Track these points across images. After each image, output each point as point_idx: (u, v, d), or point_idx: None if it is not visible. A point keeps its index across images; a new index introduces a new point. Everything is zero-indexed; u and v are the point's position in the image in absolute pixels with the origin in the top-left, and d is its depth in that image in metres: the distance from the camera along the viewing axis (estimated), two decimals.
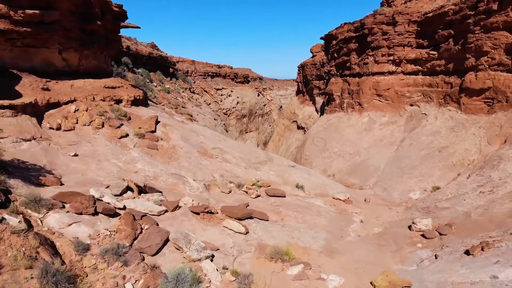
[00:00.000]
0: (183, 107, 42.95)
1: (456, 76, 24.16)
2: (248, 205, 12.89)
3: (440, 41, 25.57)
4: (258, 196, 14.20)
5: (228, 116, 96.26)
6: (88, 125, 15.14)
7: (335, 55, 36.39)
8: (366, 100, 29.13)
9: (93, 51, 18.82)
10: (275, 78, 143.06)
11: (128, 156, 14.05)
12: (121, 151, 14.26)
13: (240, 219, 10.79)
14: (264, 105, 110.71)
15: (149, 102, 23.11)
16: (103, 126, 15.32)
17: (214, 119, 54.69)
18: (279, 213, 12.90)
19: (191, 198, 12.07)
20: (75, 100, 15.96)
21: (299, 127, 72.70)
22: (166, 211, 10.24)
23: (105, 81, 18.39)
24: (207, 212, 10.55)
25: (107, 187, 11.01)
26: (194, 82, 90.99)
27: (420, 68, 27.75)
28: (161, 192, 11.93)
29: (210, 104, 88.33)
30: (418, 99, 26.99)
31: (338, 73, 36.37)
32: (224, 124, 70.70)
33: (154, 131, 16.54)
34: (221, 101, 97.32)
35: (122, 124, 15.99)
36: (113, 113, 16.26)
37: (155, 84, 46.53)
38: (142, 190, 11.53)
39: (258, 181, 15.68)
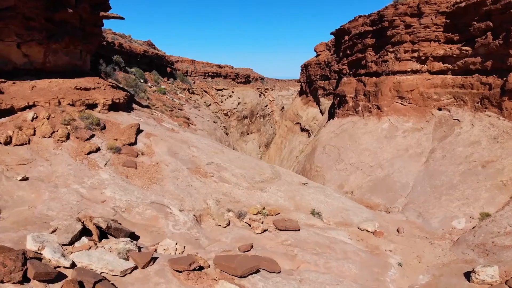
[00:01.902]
0: (179, 109, 40.22)
1: (496, 75, 21.13)
2: (252, 246, 9.91)
3: (475, 35, 22.56)
4: (265, 230, 11.23)
5: (229, 117, 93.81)
6: (49, 137, 12.26)
7: (348, 52, 33.44)
8: (385, 103, 26.12)
9: (64, 45, 16.00)
10: (277, 78, 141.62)
11: (96, 178, 11.13)
12: (88, 171, 11.34)
13: (241, 277, 7.81)
14: (266, 106, 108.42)
15: (135, 105, 20.24)
16: (68, 138, 12.44)
17: (214, 121, 51.90)
18: (294, 258, 9.89)
19: (175, 240, 9.15)
20: (34, 105, 13.11)
21: (302, 129, 69.86)
22: (135, 267, 7.30)
23: (77, 81, 15.52)
24: (193, 270, 7.56)
25: (54, 231, 8.07)
26: (194, 83, 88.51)
27: (449, 66, 24.73)
28: (133, 232, 8.98)
29: (210, 105, 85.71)
30: (448, 102, 23.95)
31: (351, 72, 33.39)
32: (224, 126, 68.06)
33: (134, 143, 13.62)
34: (221, 102, 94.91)
35: (93, 135, 13.09)
36: (82, 121, 13.36)
37: (149, 84, 43.84)
38: (106, 232, 8.57)
39: (264, 208, 12.71)
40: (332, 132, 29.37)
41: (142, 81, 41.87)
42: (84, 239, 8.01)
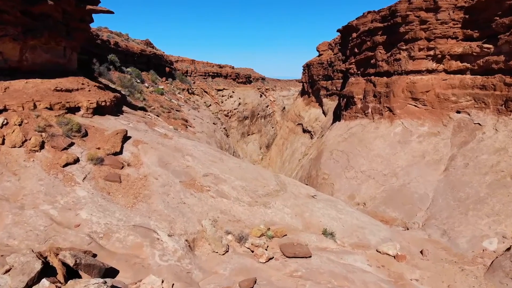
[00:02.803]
0: (177, 110, 38.77)
1: None
2: (256, 281, 8.34)
3: (498, 32, 20.98)
4: (271, 258, 9.63)
5: (229, 118, 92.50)
6: (20, 146, 10.75)
7: (356, 50, 31.87)
8: (398, 105, 24.52)
9: (44, 41, 14.51)
10: (278, 79, 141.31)
11: (71, 196, 9.59)
12: (62, 188, 9.80)
13: None
14: (267, 106, 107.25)
15: (126, 108, 18.74)
16: (42, 147, 10.91)
17: (214, 123, 50.43)
18: None
19: (161, 275, 7.65)
20: (6, 110, 11.62)
21: (305, 131, 68.34)
22: None
23: (58, 81, 14.00)
24: None
25: (8, 270, 6.53)
26: (194, 83, 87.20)
27: (468, 65, 23.14)
28: (110, 267, 7.42)
29: (210, 105, 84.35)
30: (467, 105, 22.33)
31: (359, 72, 31.81)
32: (224, 128, 66.69)
33: (119, 153, 12.08)
34: (222, 103, 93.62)
35: (72, 144, 11.55)
36: (60, 127, 11.84)
37: (146, 84, 42.45)
38: (74, 269, 7.02)
39: (269, 228, 11.12)
40: (340, 136, 27.75)
41: (138, 81, 40.46)
42: (45, 282, 6.43)
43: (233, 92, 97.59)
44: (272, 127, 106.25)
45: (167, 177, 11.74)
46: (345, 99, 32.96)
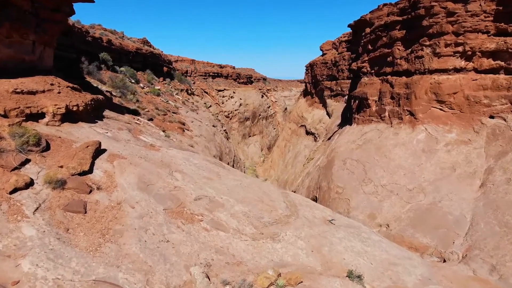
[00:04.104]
0: (174, 112, 36.51)
1: None
2: None
3: None
4: None
5: (230, 119, 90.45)
6: None
7: (369, 47, 29.43)
8: (421, 108, 22.05)
9: (5, 33, 12.17)
10: (279, 79, 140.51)
11: (14, 237, 7.23)
12: (3, 225, 7.40)
13: None
14: (268, 107, 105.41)
15: (109, 113, 16.40)
16: None
17: (213, 125, 48.12)
18: None
19: None
20: None
21: (308, 133, 65.97)
22: None
23: (20, 82, 11.66)
24: None
25: None
26: (194, 83, 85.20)
27: (502, 63, 20.68)
28: None
29: (210, 106, 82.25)
30: (502, 109, 19.85)
31: (372, 71, 29.37)
32: (225, 130, 64.46)
33: (89, 172, 9.69)
34: (222, 103, 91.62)
35: (27, 161, 9.19)
36: (13, 139, 9.45)
37: (141, 85, 40.26)
38: None
39: (280, 274, 8.68)
40: (353, 143, 25.28)
41: (133, 81, 38.28)
42: None
43: (234, 92, 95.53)
44: (274, 128, 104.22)
45: (147, 204, 9.32)
46: (357, 101, 30.49)
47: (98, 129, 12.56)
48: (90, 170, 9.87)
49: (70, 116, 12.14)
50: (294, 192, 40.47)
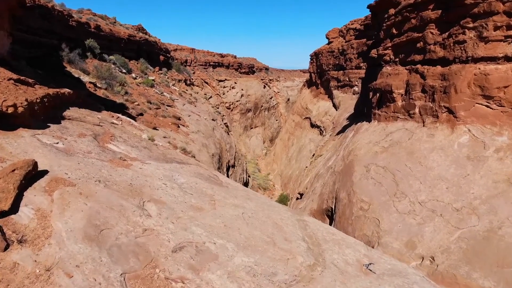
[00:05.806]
0: (169, 105, 32.89)
1: None
2: None
3: None
4: None
5: (231, 110, 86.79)
6: None
7: (394, 31, 25.51)
8: (462, 105, 18.37)
9: None
10: (282, 69, 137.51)
11: None
12: None
13: None
14: (271, 98, 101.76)
15: (75, 111, 12.82)
16: None
17: (213, 119, 44.50)
18: None
19: None
20: None
21: (313, 125, 62.23)
22: None
23: None
24: None
25: None
26: (194, 73, 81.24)
27: None
28: None
29: (211, 97, 78.49)
30: None
31: (397, 59, 25.52)
32: (225, 123, 60.79)
33: (11, 211, 6.16)
34: (223, 94, 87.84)
35: None
36: None
37: (133, 75, 36.49)
38: None
39: None
40: (376, 144, 21.70)
41: (124, 71, 34.48)
42: None
43: (235, 83, 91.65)
44: (276, 120, 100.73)
45: (95, 268, 5.78)
46: (377, 94, 26.71)
47: (46, 137, 8.97)
48: (14, 209, 6.28)
49: (4, 120, 8.55)
50: (302, 194, 37.04)
